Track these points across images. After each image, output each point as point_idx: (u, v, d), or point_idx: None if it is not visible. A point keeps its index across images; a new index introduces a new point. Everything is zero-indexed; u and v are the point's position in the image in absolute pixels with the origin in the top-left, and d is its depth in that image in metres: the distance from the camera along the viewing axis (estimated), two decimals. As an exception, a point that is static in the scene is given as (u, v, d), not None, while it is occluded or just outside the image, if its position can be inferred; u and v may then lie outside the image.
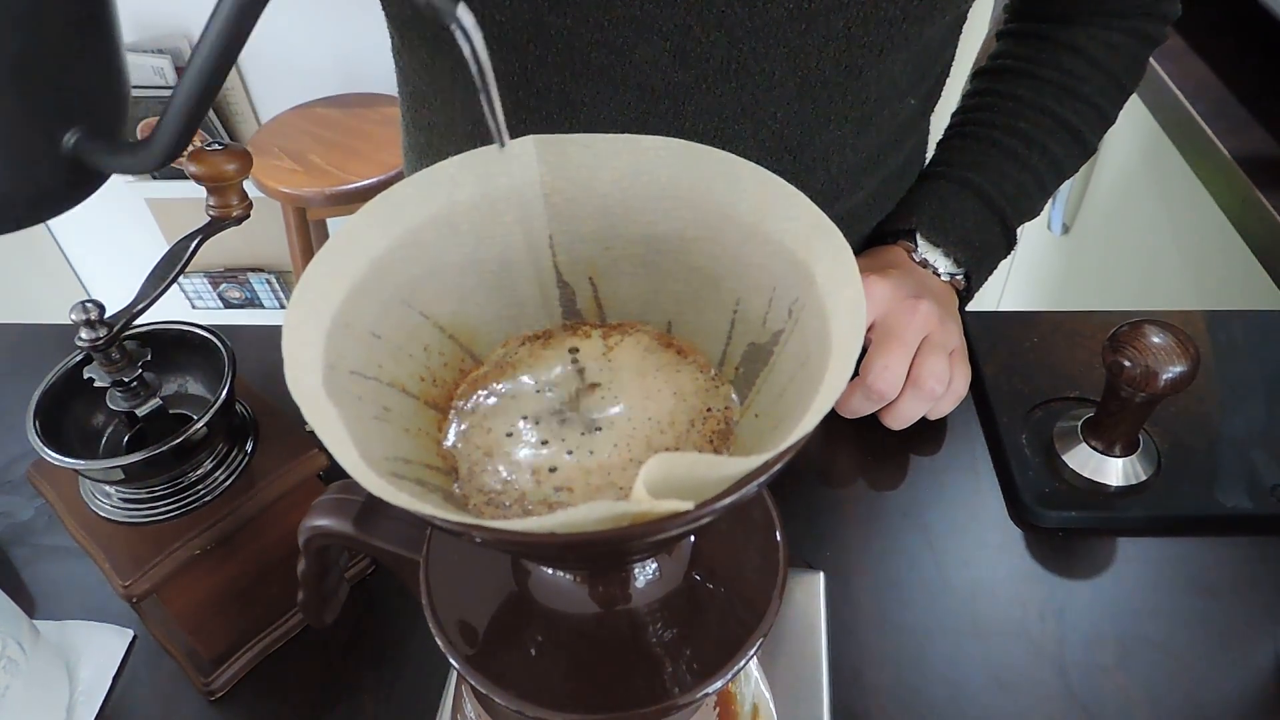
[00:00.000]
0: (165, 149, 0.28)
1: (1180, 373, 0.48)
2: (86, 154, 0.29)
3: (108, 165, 0.30)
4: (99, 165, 0.30)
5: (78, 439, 0.42)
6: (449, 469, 0.27)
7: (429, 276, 0.28)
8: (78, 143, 0.29)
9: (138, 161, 0.29)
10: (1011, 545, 0.53)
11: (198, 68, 0.25)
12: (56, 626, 0.49)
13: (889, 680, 0.47)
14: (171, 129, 0.27)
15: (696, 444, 0.27)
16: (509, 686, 0.28)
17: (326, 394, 0.23)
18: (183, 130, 0.27)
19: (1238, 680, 0.46)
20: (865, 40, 0.51)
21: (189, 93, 0.26)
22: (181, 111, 0.27)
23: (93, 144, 0.29)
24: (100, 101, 0.30)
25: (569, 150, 0.28)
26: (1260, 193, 0.80)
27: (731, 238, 0.27)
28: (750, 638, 0.28)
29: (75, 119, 0.29)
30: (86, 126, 0.29)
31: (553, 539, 0.20)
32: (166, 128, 0.27)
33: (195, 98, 0.26)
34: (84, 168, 0.30)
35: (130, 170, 0.30)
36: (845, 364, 0.22)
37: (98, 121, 0.30)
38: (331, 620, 0.39)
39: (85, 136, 0.29)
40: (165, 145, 0.28)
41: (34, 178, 0.30)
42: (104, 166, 0.30)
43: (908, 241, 0.62)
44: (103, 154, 0.29)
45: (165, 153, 0.28)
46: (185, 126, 0.27)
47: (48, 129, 0.29)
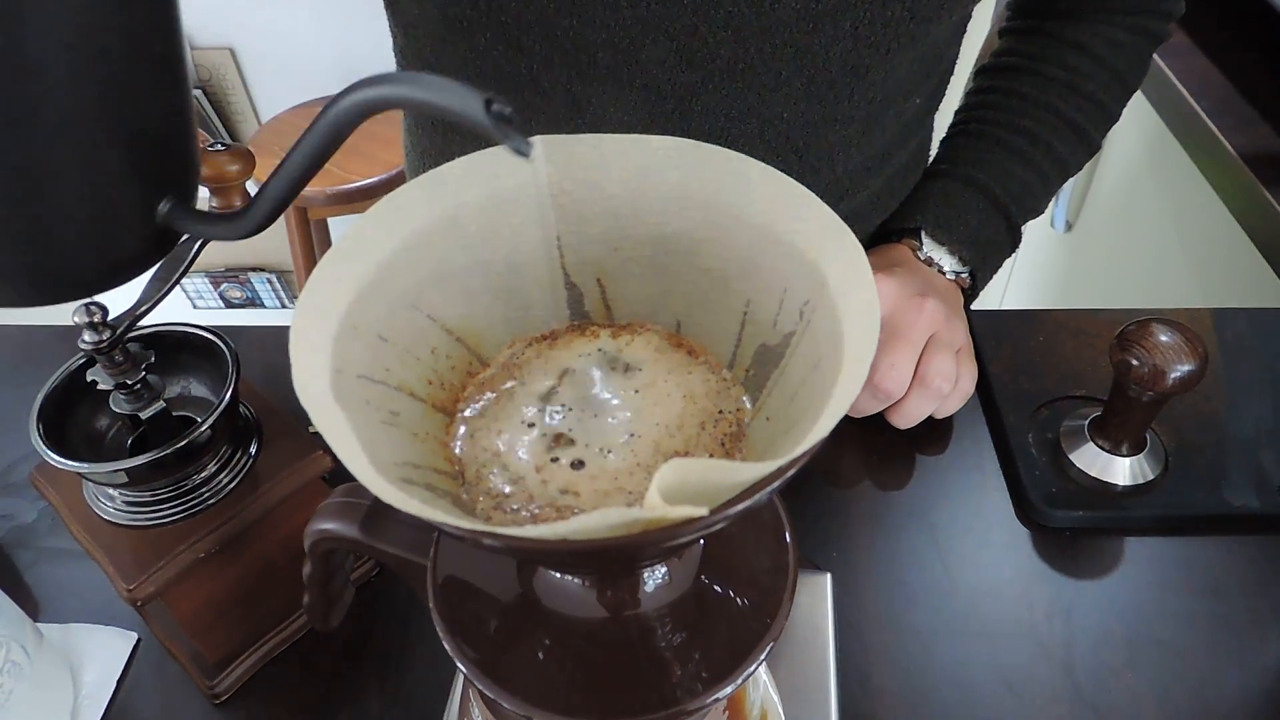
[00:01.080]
0: (258, 222, 0.29)
1: (1188, 371, 0.48)
2: (176, 221, 0.31)
3: (199, 232, 0.31)
4: (190, 231, 0.31)
5: (81, 442, 0.42)
6: (457, 473, 0.27)
7: (436, 279, 0.27)
8: (169, 212, 0.30)
9: (230, 229, 0.30)
10: (1018, 545, 0.53)
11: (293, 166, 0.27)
12: (60, 629, 0.48)
13: (896, 682, 0.46)
14: (270, 203, 0.28)
15: (708, 447, 0.26)
16: (517, 691, 0.28)
17: (334, 399, 0.22)
18: (275, 209, 0.29)
19: (1246, 680, 0.46)
20: (872, 40, 0.51)
21: (282, 185, 0.28)
22: (278, 192, 0.28)
23: (180, 211, 0.31)
24: (182, 173, 0.31)
25: (577, 151, 0.27)
26: (1265, 189, 0.80)
27: (741, 239, 0.27)
28: (761, 642, 0.28)
29: (165, 191, 0.30)
30: (175, 197, 0.31)
31: (565, 546, 0.20)
32: (263, 204, 0.29)
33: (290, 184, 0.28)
34: (169, 234, 0.31)
35: (220, 238, 0.31)
36: (859, 368, 0.21)
37: (182, 191, 0.31)
38: (337, 624, 0.39)
39: (174, 206, 0.31)
40: (258, 220, 0.29)
41: (130, 246, 0.31)
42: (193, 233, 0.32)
43: (913, 240, 0.62)
44: (194, 221, 0.31)
45: (258, 225, 0.29)
46: (279, 206, 0.29)
47: (144, 204, 0.30)
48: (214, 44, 1.84)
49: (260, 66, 1.87)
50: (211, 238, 0.31)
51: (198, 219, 0.31)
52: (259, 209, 0.29)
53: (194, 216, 0.31)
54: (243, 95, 1.91)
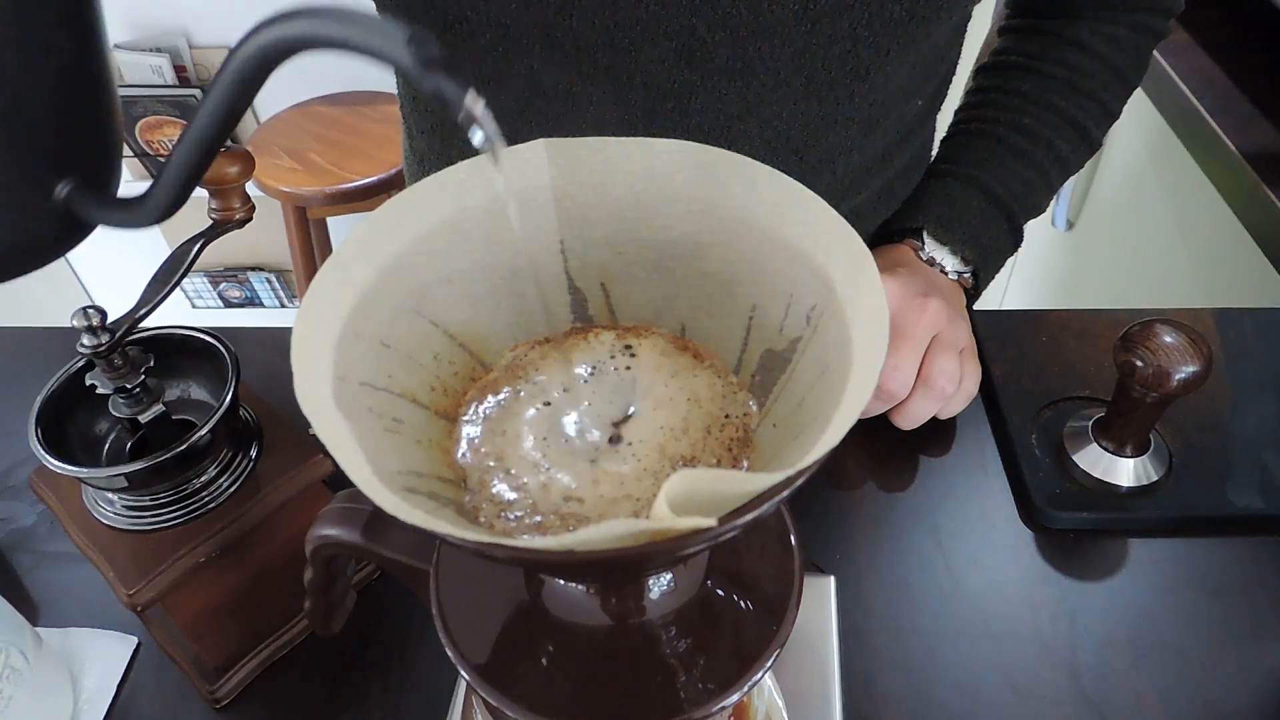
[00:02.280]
0: (160, 207, 0.27)
1: (1193, 373, 0.47)
2: (79, 206, 0.29)
3: (100, 219, 0.29)
4: (91, 218, 0.29)
5: (80, 446, 0.42)
6: (460, 480, 0.27)
7: (439, 284, 0.27)
8: (70, 194, 0.29)
9: (132, 217, 0.28)
10: (1022, 547, 0.52)
11: (197, 131, 0.25)
12: (60, 634, 0.48)
13: (901, 685, 0.46)
14: (168, 188, 0.27)
15: (714, 451, 0.26)
16: (520, 699, 0.28)
17: (336, 407, 0.22)
18: (179, 190, 0.27)
19: (1252, 682, 0.46)
20: (871, 41, 0.50)
21: (187, 155, 0.26)
22: (179, 172, 0.26)
23: (85, 195, 0.29)
24: (93, 152, 0.30)
25: (580, 154, 0.27)
26: (1267, 188, 0.79)
27: (747, 243, 0.27)
28: (768, 649, 0.28)
29: (68, 170, 0.29)
30: (79, 177, 0.29)
31: (571, 557, 0.20)
32: (163, 187, 0.27)
33: (194, 160, 0.26)
34: (74, 219, 0.29)
35: (123, 225, 0.29)
36: (869, 375, 0.21)
37: (90, 173, 0.29)
38: (339, 629, 0.39)
39: (78, 188, 0.29)
40: (161, 204, 0.27)
41: (25, 229, 0.29)
42: (96, 220, 0.29)
43: (914, 240, 0.62)
44: (95, 207, 0.29)
45: (160, 211, 0.28)
46: (182, 187, 0.27)
47: (41, 180, 0.28)
48: (211, 43, 1.83)
49: (258, 65, 1.87)
50: (115, 225, 0.29)
51: (101, 205, 0.29)
52: (161, 191, 0.27)
53: (95, 202, 0.29)
54: (241, 94, 1.90)
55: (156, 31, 1.80)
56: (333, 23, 0.18)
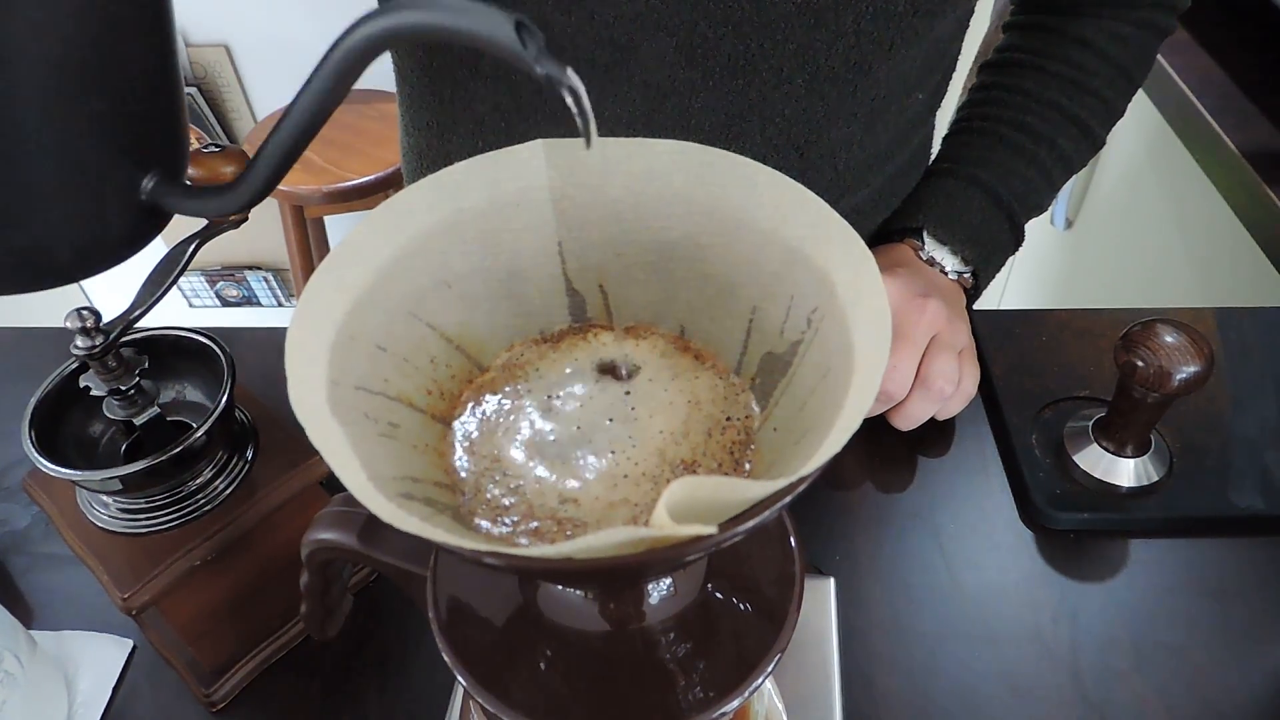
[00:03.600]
0: (255, 191, 0.28)
1: (1194, 373, 0.47)
2: (163, 198, 0.30)
3: (185, 208, 0.30)
4: (177, 209, 0.30)
5: (74, 448, 0.41)
6: (457, 485, 0.26)
7: (436, 286, 0.27)
8: (154, 188, 0.29)
9: (223, 203, 0.29)
10: (1023, 548, 0.52)
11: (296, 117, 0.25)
12: (54, 637, 0.48)
13: (901, 687, 0.46)
14: (262, 175, 0.27)
15: (715, 455, 0.26)
16: (518, 705, 0.27)
17: (331, 412, 0.22)
18: (274, 174, 0.27)
19: (1253, 683, 0.46)
20: (875, 36, 0.50)
21: (284, 143, 0.26)
22: (274, 159, 0.27)
23: (167, 188, 0.30)
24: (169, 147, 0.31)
25: (579, 154, 0.27)
26: (1267, 187, 0.79)
27: (747, 244, 0.27)
28: (768, 654, 0.28)
29: (150, 166, 0.30)
30: (160, 172, 0.30)
31: (570, 565, 0.19)
32: (258, 174, 0.27)
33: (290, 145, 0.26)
34: (158, 212, 0.30)
35: (211, 214, 0.30)
36: (871, 379, 0.21)
37: (169, 166, 0.30)
38: (335, 633, 0.39)
39: (160, 181, 0.30)
40: (255, 188, 0.28)
41: (115, 225, 0.30)
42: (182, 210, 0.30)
43: (914, 239, 0.62)
44: (179, 197, 0.30)
45: (254, 195, 0.28)
46: (277, 171, 0.27)
47: (128, 178, 0.29)
48: (209, 41, 1.83)
49: (256, 64, 1.86)
50: (204, 215, 0.30)
51: (187, 194, 0.29)
52: (256, 175, 0.27)
53: (183, 192, 0.29)
54: (238, 93, 1.90)
55: (153, 29, 1.79)
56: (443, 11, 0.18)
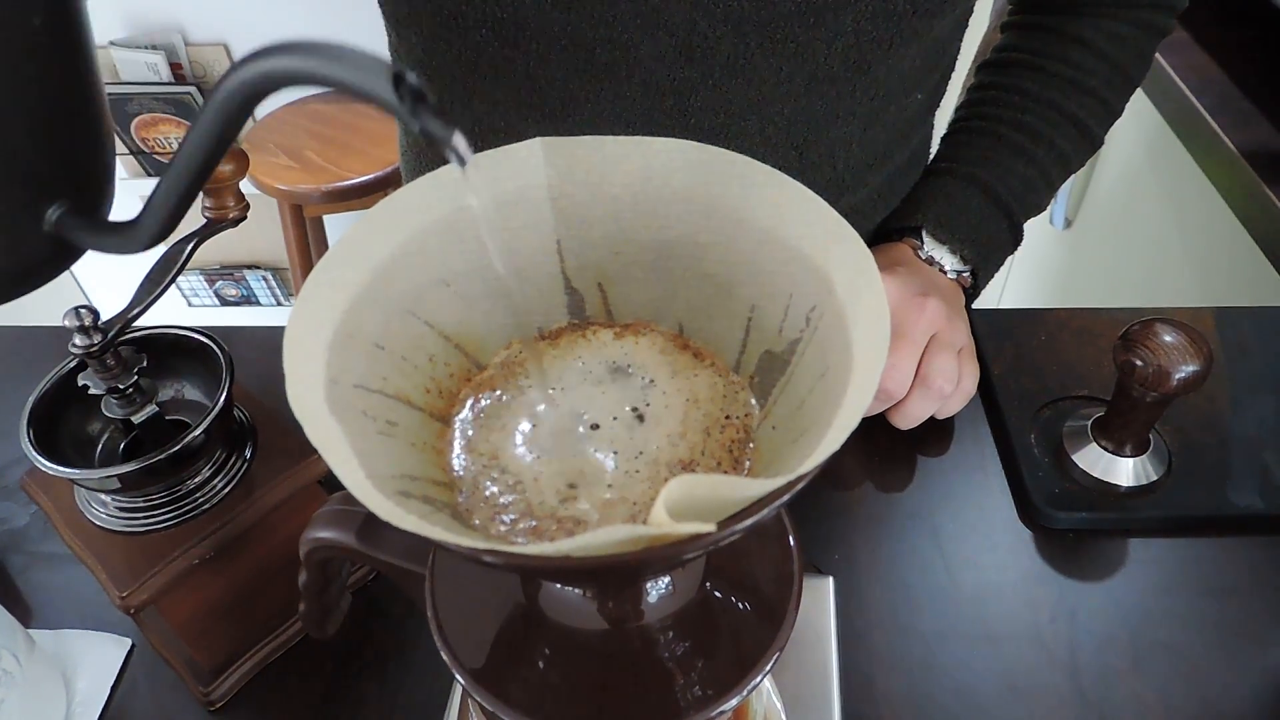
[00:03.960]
0: (151, 233, 0.27)
1: (1193, 372, 0.47)
2: (69, 231, 0.28)
3: (90, 244, 0.29)
4: (81, 243, 0.29)
5: (72, 447, 0.41)
6: (454, 482, 0.26)
7: (434, 284, 0.27)
8: (60, 219, 0.28)
9: (122, 243, 0.28)
10: (1022, 547, 0.52)
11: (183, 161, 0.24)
12: (53, 636, 0.48)
13: (900, 686, 0.46)
14: (156, 216, 0.26)
15: (714, 454, 0.26)
16: (517, 704, 0.27)
17: (329, 410, 0.22)
18: (168, 219, 0.27)
19: (1252, 682, 0.46)
20: (874, 35, 0.50)
21: (175, 184, 0.25)
22: (167, 200, 0.26)
23: (76, 221, 0.28)
24: (83, 177, 0.29)
25: (577, 153, 0.27)
26: (1266, 187, 0.79)
27: (746, 243, 0.27)
28: (767, 653, 0.28)
29: (58, 195, 0.28)
30: (70, 203, 0.28)
31: (568, 563, 0.19)
32: (151, 215, 0.27)
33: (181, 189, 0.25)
34: (64, 244, 0.29)
35: (114, 251, 0.28)
36: (869, 378, 0.21)
37: (81, 197, 0.29)
38: (334, 632, 0.39)
39: (68, 213, 0.28)
40: (151, 230, 0.27)
41: (15, 255, 0.29)
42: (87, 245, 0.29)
43: (914, 239, 0.62)
44: (86, 232, 0.28)
45: (150, 238, 0.27)
46: (170, 215, 0.26)
47: (30, 206, 0.28)
48: (207, 40, 1.82)
49: (254, 62, 1.86)
50: (107, 251, 0.29)
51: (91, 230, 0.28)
52: (150, 218, 0.27)
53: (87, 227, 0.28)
54: (237, 92, 1.89)
55: (152, 29, 1.79)
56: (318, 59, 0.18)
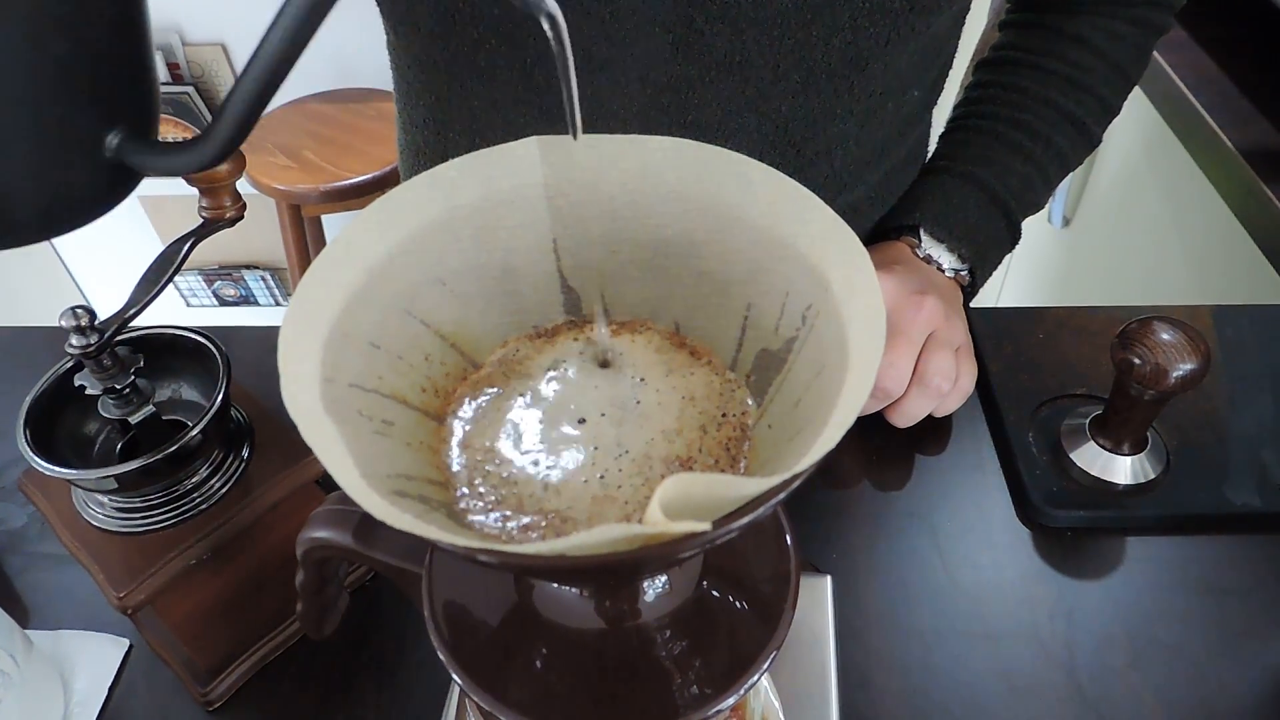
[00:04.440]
0: (220, 147, 0.27)
1: (1191, 370, 0.47)
2: (129, 155, 0.28)
3: (153, 166, 0.29)
4: (143, 166, 0.29)
5: (69, 447, 0.41)
6: (449, 481, 0.26)
7: (430, 283, 0.27)
8: (120, 144, 0.28)
9: (187, 160, 0.27)
10: (1020, 545, 0.52)
11: (261, 67, 0.24)
12: (50, 636, 0.48)
13: (898, 684, 0.46)
14: (228, 127, 0.26)
15: (711, 452, 0.26)
16: (514, 703, 0.27)
17: (325, 409, 0.22)
18: (239, 128, 0.26)
19: (1250, 680, 0.46)
20: (871, 32, 0.50)
21: (248, 93, 0.25)
22: (239, 111, 0.25)
23: (135, 145, 0.28)
24: (137, 102, 0.29)
25: (574, 152, 0.27)
26: (1265, 185, 0.79)
27: (742, 241, 0.27)
28: (764, 651, 0.28)
29: (116, 121, 0.28)
30: (127, 128, 0.28)
31: (563, 562, 0.19)
32: (223, 127, 0.26)
33: (255, 96, 0.25)
34: (124, 170, 0.29)
35: (178, 171, 0.28)
36: (865, 377, 0.21)
37: (137, 122, 0.29)
38: (331, 632, 0.39)
39: (127, 138, 0.28)
40: (220, 143, 0.26)
41: (78, 182, 0.29)
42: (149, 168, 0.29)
43: (911, 237, 0.62)
44: (146, 154, 0.28)
45: (220, 148, 0.27)
46: (242, 125, 0.26)
47: (92, 132, 0.28)
48: (206, 40, 1.82)
49: (252, 62, 1.86)
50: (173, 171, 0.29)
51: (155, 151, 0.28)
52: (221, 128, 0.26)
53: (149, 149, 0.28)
54: (235, 91, 1.89)
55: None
56: None
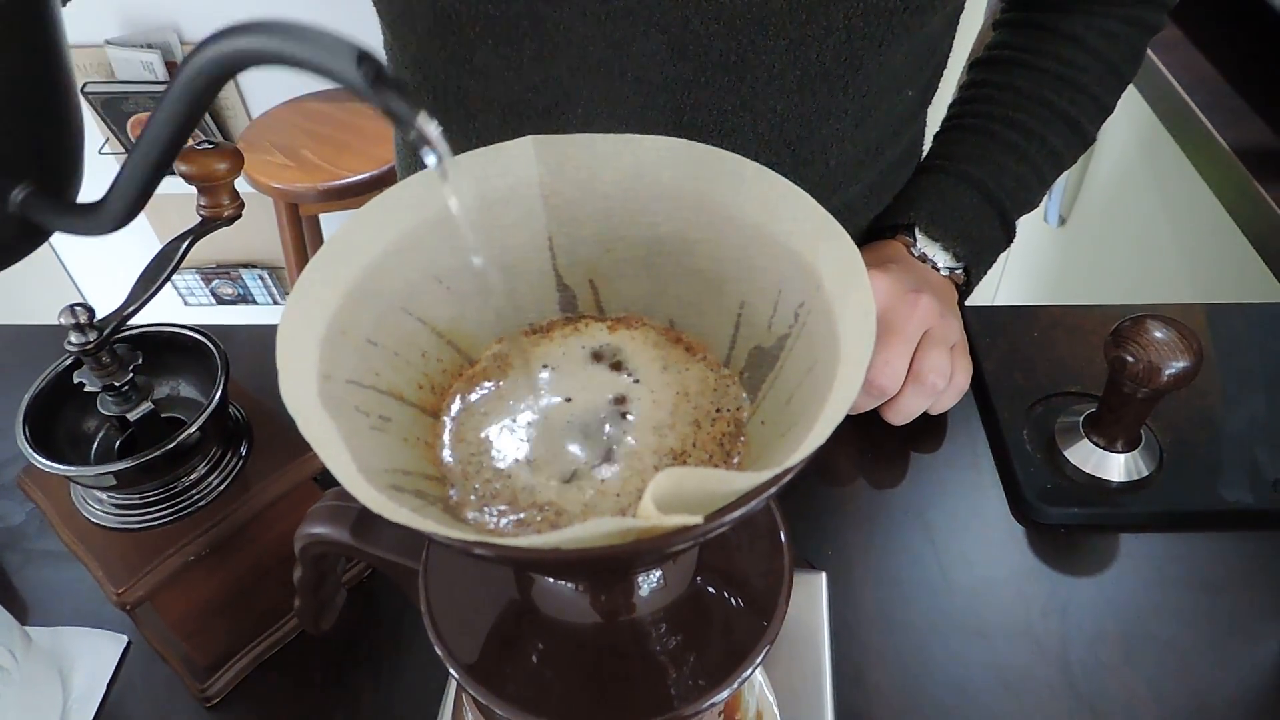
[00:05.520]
0: (117, 215, 0.27)
1: (1183, 368, 0.47)
2: (35, 212, 0.28)
3: (56, 225, 0.29)
4: (47, 224, 0.29)
5: (68, 444, 0.41)
6: (444, 476, 0.27)
7: (426, 281, 0.27)
8: (25, 200, 0.28)
9: (88, 224, 0.28)
10: (1014, 542, 0.52)
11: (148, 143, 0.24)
12: (49, 633, 0.48)
13: (892, 680, 0.46)
14: (121, 197, 0.26)
15: (705, 447, 0.26)
16: (510, 697, 0.28)
17: (323, 405, 0.22)
18: (136, 198, 0.26)
19: (1242, 676, 0.46)
20: (865, 32, 0.50)
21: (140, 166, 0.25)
22: (132, 182, 0.26)
23: (41, 202, 0.28)
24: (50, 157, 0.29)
25: (568, 151, 0.27)
26: (1259, 184, 0.79)
27: (735, 240, 0.27)
28: (758, 645, 0.28)
29: (23, 175, 0.28)
30: (35, 183, 0.28)
31: (557, 555, 0.19)
32: (117, 196, 0.26)
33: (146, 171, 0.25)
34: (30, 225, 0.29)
35: (80, 233, 0.28)
36: (856, 373, 0.21)
37: (47, 178, 0.29)
38: (329, 627, 0.39)
39: (33, 193, 0.28)
40: (117, 211, 0.27)
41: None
42: (52, 226, 0.29)
43: (906, 236, 0.62)
44: (51, 213, 0.28)
45: (115, 220, 0.27)
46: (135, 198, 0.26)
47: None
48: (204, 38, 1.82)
49: (250, 61, 1.86)
50: (74, 232, 0.29)
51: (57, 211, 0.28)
52: (115, 200, 0.26)
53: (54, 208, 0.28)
54: (233, 90, 1.90)
55: (148, 27, 1.79)
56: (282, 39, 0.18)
